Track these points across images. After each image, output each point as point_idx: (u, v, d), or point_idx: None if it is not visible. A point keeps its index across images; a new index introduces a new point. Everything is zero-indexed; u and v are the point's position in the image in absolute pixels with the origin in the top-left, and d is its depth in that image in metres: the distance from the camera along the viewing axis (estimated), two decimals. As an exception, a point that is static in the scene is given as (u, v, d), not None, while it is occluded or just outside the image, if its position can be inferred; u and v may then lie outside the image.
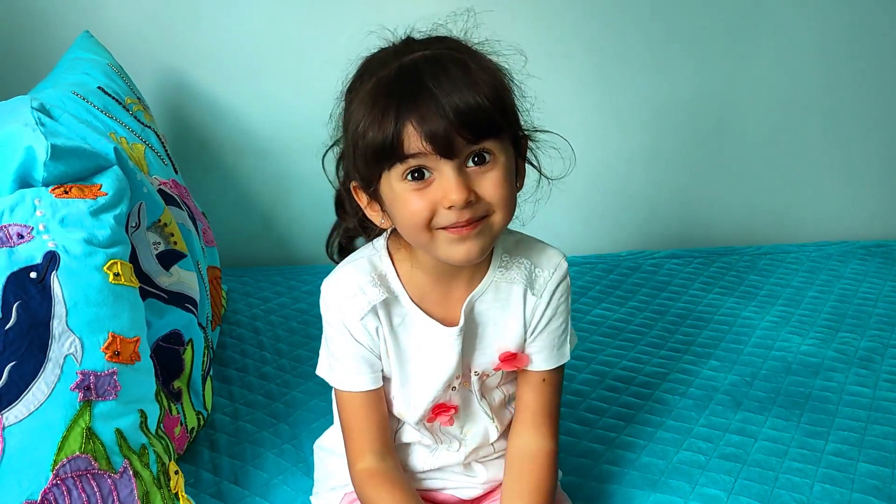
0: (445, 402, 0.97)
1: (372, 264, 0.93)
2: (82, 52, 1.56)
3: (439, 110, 0.79)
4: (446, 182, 0.82)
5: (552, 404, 1.00)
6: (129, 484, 0.93)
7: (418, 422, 0.97)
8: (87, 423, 0.90)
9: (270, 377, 1.44)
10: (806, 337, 1.61)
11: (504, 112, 0.83)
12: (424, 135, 0.80)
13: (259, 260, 1.98)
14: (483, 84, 0.81)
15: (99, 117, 1.28)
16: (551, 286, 0.96)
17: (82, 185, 0.99)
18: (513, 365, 0.97)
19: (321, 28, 1.86)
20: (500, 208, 0.85)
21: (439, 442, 1.00)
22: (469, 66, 0.83)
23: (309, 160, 1.92)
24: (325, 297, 0.95)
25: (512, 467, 0.99)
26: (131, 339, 0.96)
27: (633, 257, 2.01)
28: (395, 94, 0.82)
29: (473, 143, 0.82)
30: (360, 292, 0.92)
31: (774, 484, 1.15)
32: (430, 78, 0.81)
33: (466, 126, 0.80)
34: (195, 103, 1.87)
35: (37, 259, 0.91)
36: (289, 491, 1.13)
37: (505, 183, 0.84)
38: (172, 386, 1.16)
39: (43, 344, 0.88)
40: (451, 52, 0.85)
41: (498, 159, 0.84)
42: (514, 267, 0.95)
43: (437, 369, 0.94)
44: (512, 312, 0.95)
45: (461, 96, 0.80)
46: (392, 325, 0.93)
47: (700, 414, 1.34)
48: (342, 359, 0.95)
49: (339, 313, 0.93)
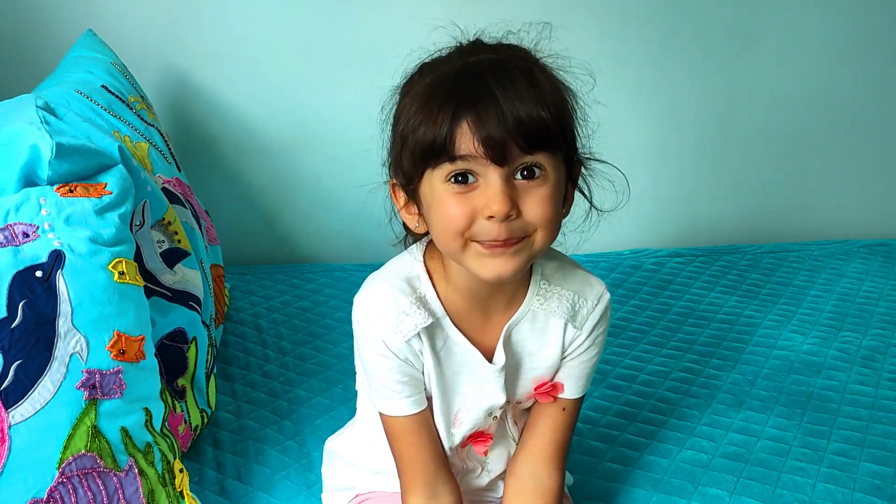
0: (483, 431, 0.95)
1: (410, 284, 0.88)
2: (85, 51, 1.56)
3: (498, 114, 0.76)
4: (491, 190, 0.78)
5: (565, 438, 0.97)
6: (134, 482, 0.93)
7: (452, 448, 0.94)
8: (93, 422, 0.90)
9: (273, 375, 1.44)
10: (808, 336, 1.61)
11: (563, 129, 0.80)
12: (479, 137, 0.76)
13: (262, 258, 1.99)
14: (547, 96, 0.79)
15: (103, 116, 1.28)
16: (593, 318, 0.93)
17: (87, 184, 0.99)
18: (549, 396, 0.94)
19: (325, 27, 1.86)
20: (542, 228, 0.80)
21: (465, 468, 0.99)
22: (535, 77, 0.80)
23: (312, 158, 1.95)
24: (362, 317, 0.88)
25: (513, 498, 0.96)
26: (136, 338, 0.96)
27: (635, 256, 2.02)
28: (455, 91, 0.78)
29: (527, 153, 0.78)
30: (403, 315, 0.86)
31: (777, 483, 1.16)
32: (493, 81, 0.77)
33: (524, 135, 0.77)
34: (198, 101, 1.87)
35: (42, 258, 0.91)
36: (292, 487, 1.13)
37: (551, 202, 0.80)
38: (176, 384, 1.17)
39: (48, 342, 0.89)
40: (520, 60, 0.82)
41: (549, 176, 0.80)
42: (555, 297, 0.91)
43: (480, 399, 0.92)
44: (549, 343, 0.92)
45: (523, 104, 0.76)
46: (435, 349, 0.89)
47: (702, 413, 1.34)
48: (385, 382, 0.89)
49: (378, 334, 0.87)
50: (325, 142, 1.94)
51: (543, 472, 0.96)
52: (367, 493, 1.02)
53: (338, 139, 1.93)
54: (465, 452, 0.97)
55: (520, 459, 0.97)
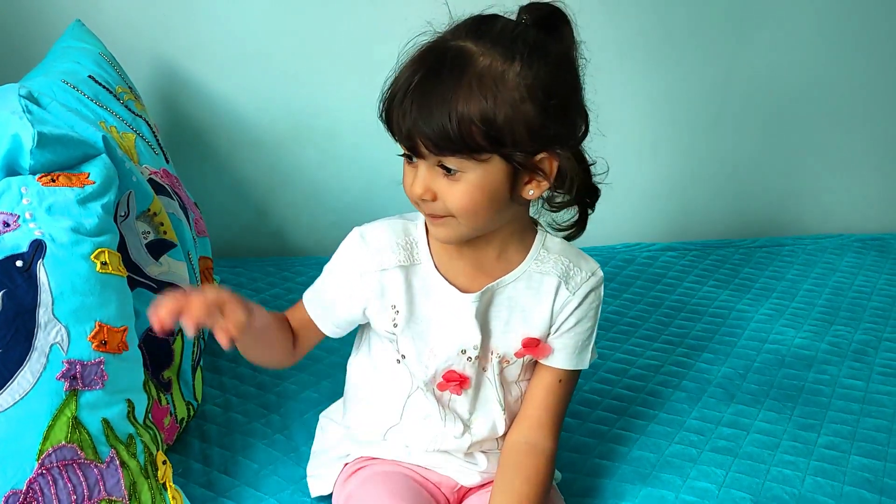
0: (457, 371, 0.98)
1: (406, 228, 0.97)
2: (73, 41, 1.54)
3: (411, 114, 0.84)
4: (414, 173, 0.88)
5: (560, 407, 1.02)
6: (115, 474, 0.93)
7: (427, 383, 0.98)
8: (74, 413, 0.90)
9: (262, 368, 1.43)
10: (800, 330, 1.61)
11: (484, 136, 0.83)
12: (398, 130, 0.86)
13: (253, 251, 1.98)
14: (464, 103, 0.82)
15: (89, 106, 1.27)
16: (586, 288, 0.99)
17: (69, 174, 0.98)
18: (534, 352, 0.99)
19: (316, 19, 1.85)
20: (459, 216, 0.88)
21: (444, 418, 1.00)
22: (465, 79, 0.83)
23: (304, 151, 1.94)
24: (352, 239, 0.98)
25: (508, 457, 0.99)
26: (119, 329, 0.95)
27: (628, 249, 2.01)
28: (403, 77, 0.86)
29: (436, 154, 0.85)
30: (387, 249, 0.96)
31: (766, 477, 1.15)
32: (425, 79, 0.84)
33: (425, 141, 0.84)
34: (189, 93, 1.86)
35: (23, 247, 0.91)
36: (279, 481, 1.13)
37: (467, 197, 0.87)
38: (162, 376, 1.16)
39: (28, 332, 0.88)
40: (472, 54, 0.85)
41: (464, 175, 0.86)
42: (551, 261, 0.98)
43: (454, 333, 0.97)
44: (542, 301, 0.98)
45: (429, 112, 0.83)
46: (411, 287, 0.96)
47: (693, 407, 1.33)
48: (327, 290, 1.00)
49: (358, 258, 0.96)
50: (318, 134, 1.93)
51: (538, 436, 1.00)
52: (359, 463, 1.03)
53: (330, 132, 1.92)
54: (445, 400, 1.00)
55: (516, 427, 1.01)
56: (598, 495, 1.12)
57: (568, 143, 0.89)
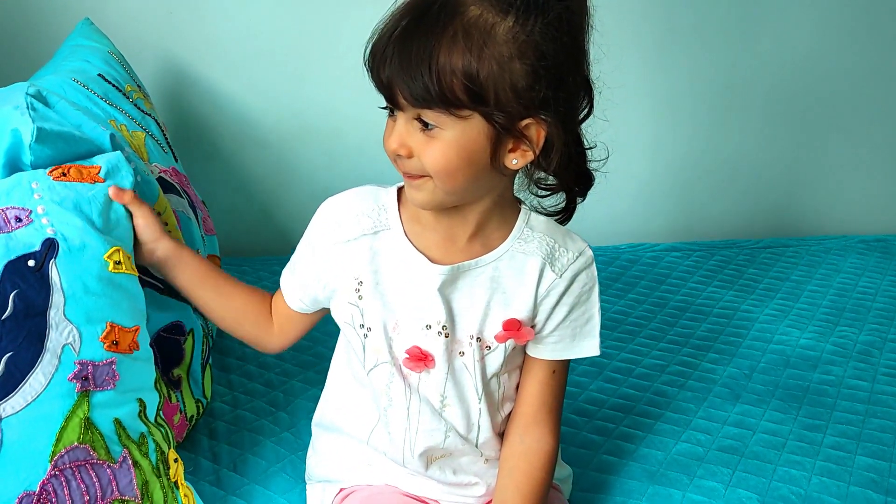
0: (420, 347, 0.92)
1: (375, 194, 0.94)
2: (83, 40, 1.55)
3: (392, 62, 0.80)
4: (392, 127, 0.85)
5: (557, 399, 0.98)
6: (128, 473, 0.93)
7: (391, 354, 0.93)
8: (86, 413, 0.90)
9: (270, 366, 1.44)
10: (805, 330, 1.61)
11: (465, 90, 0.79)
12: (378, 80, 0.83)
13: (259, 249, 1.98)
14: (446, 54, 0.78)
15: (99, 104, 1.27)
16: (573, 269, 0.93)
17: (80, 166, 0.98)
18: (516, 335, 0.92)
19: (323, 18, 1.85)
20: (434, 175, 0.84)
21: (409, 398, 0.94)
22: (450, 29, 0.79)
23: (310, 150, 1.94)
24: (320, 212, 0.96)
25: (504, 461, 0.96)
26: (130, 329, 0.95)
27: (633, 249, 2.01)
28: (388, 24, 0.82)
29: (414, 107, 0.82)
30: (351, 219, 0.93)
31: (772, 476, 1.16)
32: (409, 26, 0.80)
33: (403, 91, 0.81)
34: (196, 92, 1.86)
35: (35, 246, 0.90)
36: (287, 479, 1.13)
37: (442, 156, 0.82)
38: (172, 374, 1.16)
39: (40, 334, 0.88)
40: (463, 2, 0.80)
41: (442, 132, 0.82)
42: (535, 241, 0.93)
43: (417, 306, 0.92)
44: (525, 283, 0.92)
45: (408, 61, 0.79)
46: (377, 255, 0.93)
47: (699, 406, 1.34)
48: (296, 262, 1.00)
49: (323, 231, 0.95)
50: (324, 133, 1.93)
51: (534, 435, 0.96)
52: (353, 487, 1.01)
53: (336, 132, 1.92)
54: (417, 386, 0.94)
55: (512, 425, 0.97)
56: (606, 491, 1.13)
57: (559, 111, 0.82)
